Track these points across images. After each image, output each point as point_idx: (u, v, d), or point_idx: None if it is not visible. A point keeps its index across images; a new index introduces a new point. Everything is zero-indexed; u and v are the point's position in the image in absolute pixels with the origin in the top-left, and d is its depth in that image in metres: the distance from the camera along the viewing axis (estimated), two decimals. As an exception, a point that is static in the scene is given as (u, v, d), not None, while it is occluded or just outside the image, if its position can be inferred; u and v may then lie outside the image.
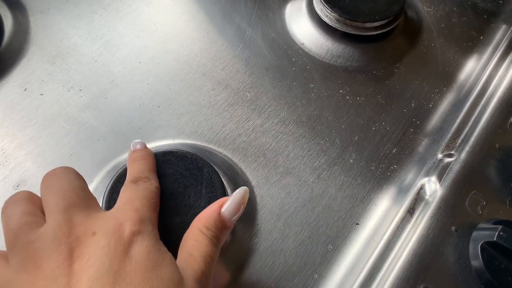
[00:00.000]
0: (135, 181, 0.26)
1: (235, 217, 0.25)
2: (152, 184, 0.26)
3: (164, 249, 0.23)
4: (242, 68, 0.38)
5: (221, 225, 0.24)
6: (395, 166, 0.34)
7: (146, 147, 0.30)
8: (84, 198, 0.24)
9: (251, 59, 0.39)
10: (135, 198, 0.24)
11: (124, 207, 0.24)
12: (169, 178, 0.29)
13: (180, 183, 0.29)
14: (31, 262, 0.20)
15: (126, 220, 0.22)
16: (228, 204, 0.25)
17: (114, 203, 0.26)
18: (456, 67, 0.39)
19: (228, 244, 0.30)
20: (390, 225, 0.30)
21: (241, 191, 0.25)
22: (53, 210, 0.22)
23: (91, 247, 0.21)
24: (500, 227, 0.27)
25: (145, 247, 0.22)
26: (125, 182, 0.27)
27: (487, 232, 0.28)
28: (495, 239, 0.27)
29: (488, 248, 0.27)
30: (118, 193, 0.26)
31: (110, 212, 0.24)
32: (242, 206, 0.25)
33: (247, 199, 0.26)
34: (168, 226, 0.27)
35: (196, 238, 0.23)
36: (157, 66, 0.38)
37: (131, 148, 0.29)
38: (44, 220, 0.22)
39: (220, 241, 0.24)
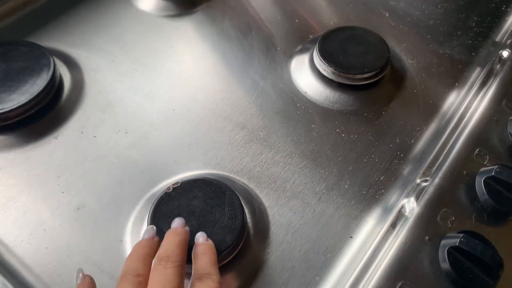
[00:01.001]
0: (200, 278, 0.30)
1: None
2: (215, 281, 0.29)
3: None
4: (256, 113, 0.46)
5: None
6: (382, 191, 0.41)
7: (207, 239, 0.33)
8: None
9: (263, 105, 0.47)
10: None
11: None
12: (199, 200, 0.37)
13: (208, 203, 0.37)
14: None
15: None
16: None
17: (156, 221, 0.35)
18: (434, 109, 0.47)
19: (245, 255, 0.37)
20: (376, 236, 0.37)
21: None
22: None
23: None
24: (462, 234, 0.34)
25: None
26: (192, 279, 0.30)
27: (452, 240, 0.34)
28: (457, 244, 0.34)
29: (453, 251, 0.34)
30: (159, 215, 0.34)
31: None
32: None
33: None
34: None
35: None
36: (188, 112, 0.46)
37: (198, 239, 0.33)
38: None
39: None
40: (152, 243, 0.32)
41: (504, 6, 0.57)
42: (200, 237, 0.33)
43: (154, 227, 0.34)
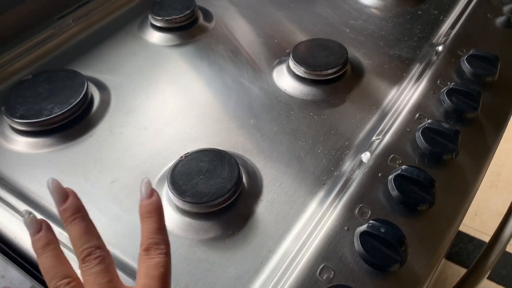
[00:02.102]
0: (148, 249, 0.31)
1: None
2: (162, 253, 0.31)
3: None
4: (247, 107, 0.59)
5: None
6: (346, 151, 0.53)
7: (153, 194, 0.34)
8: None
9: (253, 102, 0.60)
10: (151, 284, 0.29)
11: None
12: (204, 162, 0.49)
13: (211, 164, 0.49)
14: None
15: None
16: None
17: (173, 179, 0.46)
18: (387, 91, 0.59)
19: (242, 200, 0.48)
20: (340, 181, 0.48)
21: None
22: None
23: None
24: (370, 220, 0.42)
25: None
26: (140, 249, 0.32)
27: (363, 226, 0.42)
28: (366, 229, 0.42)
29: (365, 236, 0.41)
30: (176, 174, 0.46)
31: None
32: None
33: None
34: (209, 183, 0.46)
35: None
36: (193, 111, 0.59)
37: (142, 190, 0.34)
38: None
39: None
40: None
41: (441, 16, 0.71)
42: (143, 188, 0.34)
43: (33, 217, 0.33)
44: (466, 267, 1.12)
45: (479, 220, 1.52)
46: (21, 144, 0.56)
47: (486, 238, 0.79)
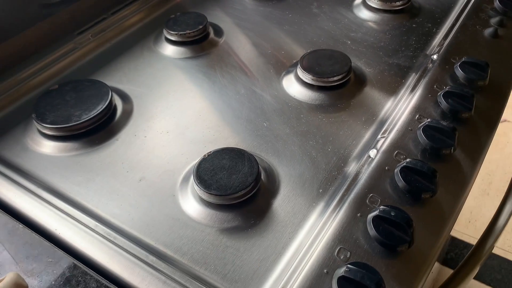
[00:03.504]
0: None
1: None
2: None
3: None
4: (260, 112, 0.64)
5: None
6: (355, 149, 0.58)
7: None
8: None
9: (265, 108, 0.65)
10: None
11: None
12: (226, 160, 0.53)
13: (232, 161, 0.53)
14: None
15: None
16: None
17: (199, 175, 0.51)
18: (388, 95, 0.65)
19: (261, 195, 0.52)
20: (348, 178, 0.53)
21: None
22: None
23: None
24: (381, 206, 0.47)
25: None
26: None
27: (375, 211, 0.46)
28: (378, 213, 0.46)
29: (377, 219, 0.46)
30: (200, 171, 0.51)
31: None
32: None
33: None
34: (231, 178, 0.51)
35: None
36: (212, 115, 0.64)
37: None
38: None
39: None
40: None
41: (434, 28, 0.78)
42: None
43: None
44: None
45: (472, 226, 1.58)
46: (51, 148, 0.60)
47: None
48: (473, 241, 1.53)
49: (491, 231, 0.69)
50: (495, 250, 1.51)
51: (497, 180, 1.73)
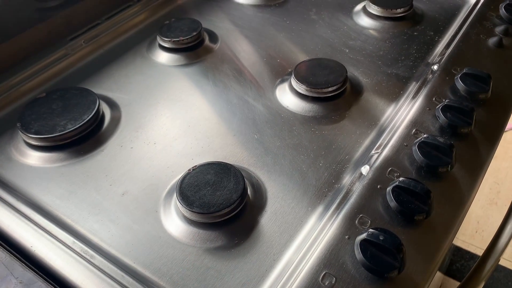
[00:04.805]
0: None
1: None
2: None
3: None
4: (251, 123, 0.62)
5: None
6: (346, 165, 0.55)
7: None
8: None
9: (257, 118, 0.62)
10: None
11: None
12: (211, 175, 0.51)
13: (217, 176, 0.51)
14: None
15: None
16: None
17: (182, 191, 0.48)
18: (385, 108, 0.62)
19: (247, 211, 0.50)
20: (342, 190, 0.51)
21: None
22: None
23: None
24: (369, 229, 0.44)
25: None
26: None
27: (363, 234, 0.44)
28: (365, 237, 0.44)
29: (364, 243, 0.43)
30: (184, 187, 0.49)
31: None
32: None
33: None
34: (216, 194, 0.48)
35: None
36: (200, 126, 0.62)
37: None
38: None
39: None
40: None
41: (436, 37, 0.75)
42: None
43: None
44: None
45: (479, 237, 1.54)
46: (35, 158, 0.59)
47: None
48: (480, 252, 1.50)
49: (496, 242, 0.66)
50: (502, 262, 1.47)
51: (505, 189, 1.68)
